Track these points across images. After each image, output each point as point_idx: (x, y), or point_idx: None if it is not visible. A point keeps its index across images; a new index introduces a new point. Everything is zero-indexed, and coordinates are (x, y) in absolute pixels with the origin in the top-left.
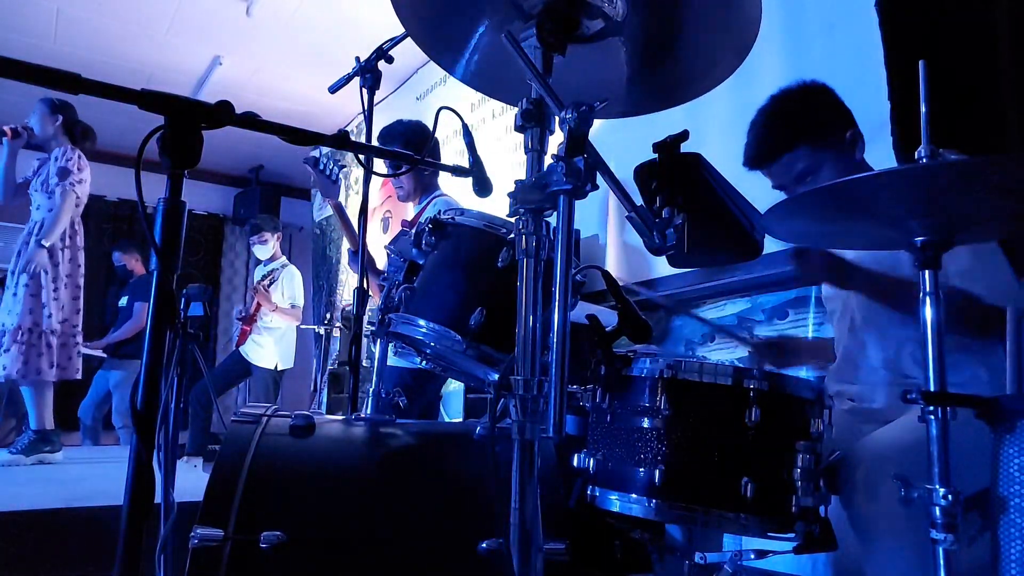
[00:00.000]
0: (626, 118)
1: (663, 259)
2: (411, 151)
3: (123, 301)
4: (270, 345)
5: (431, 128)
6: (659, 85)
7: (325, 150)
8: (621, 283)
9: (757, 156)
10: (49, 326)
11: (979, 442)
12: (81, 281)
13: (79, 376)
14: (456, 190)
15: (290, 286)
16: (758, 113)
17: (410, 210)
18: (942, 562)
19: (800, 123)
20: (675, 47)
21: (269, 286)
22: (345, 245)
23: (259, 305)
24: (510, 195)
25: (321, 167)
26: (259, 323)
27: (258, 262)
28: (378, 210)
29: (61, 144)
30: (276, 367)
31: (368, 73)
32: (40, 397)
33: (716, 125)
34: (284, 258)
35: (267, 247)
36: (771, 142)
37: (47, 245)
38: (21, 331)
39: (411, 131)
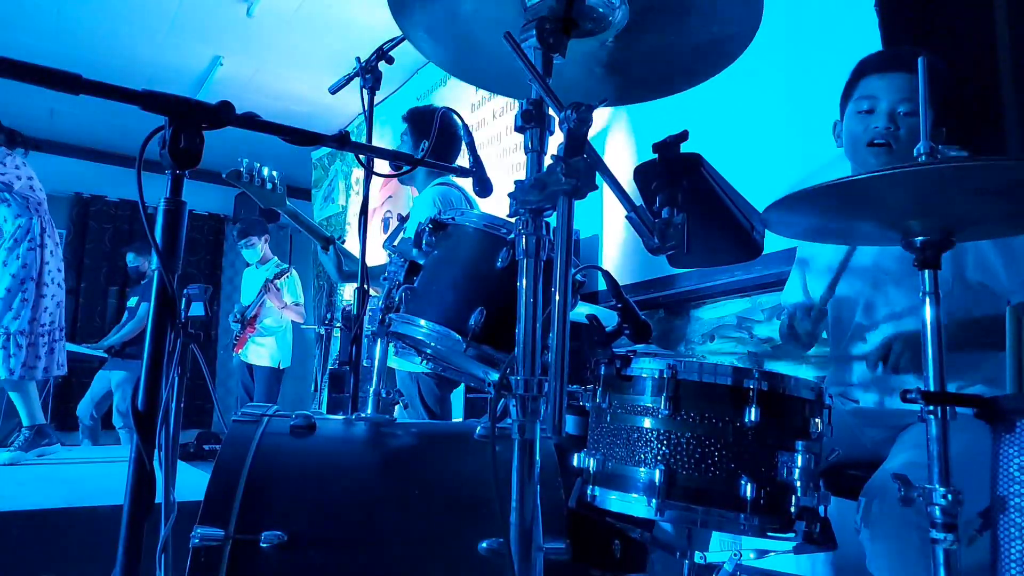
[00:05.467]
0: (626, 114)
1: (663, 259)
2: (418, 134)
3: (132, 301)
4: (271, 344)
5: (433, 130)
6: (659, 69)
7: (245, 160)
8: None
9: (895, 57)
10: (17, 327)
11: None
12: (51, 279)
13: (43, 376)
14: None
15: (296, 285)
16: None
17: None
18: (942, 562)
19: (939, 80)
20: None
21: (280, 285)
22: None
23: (260, 307)
24: (510, 195)
25: (246, 179)
26: (259, 325)
27: (246, 264)
28: (378, 210)
29: None
30: (279, 365)
31: (368, 74)
32: (21, 395)
33: (716, 125)
34: (276, 259)
35: (256, 250)
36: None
37: None
38: None
39: (418, 114)
